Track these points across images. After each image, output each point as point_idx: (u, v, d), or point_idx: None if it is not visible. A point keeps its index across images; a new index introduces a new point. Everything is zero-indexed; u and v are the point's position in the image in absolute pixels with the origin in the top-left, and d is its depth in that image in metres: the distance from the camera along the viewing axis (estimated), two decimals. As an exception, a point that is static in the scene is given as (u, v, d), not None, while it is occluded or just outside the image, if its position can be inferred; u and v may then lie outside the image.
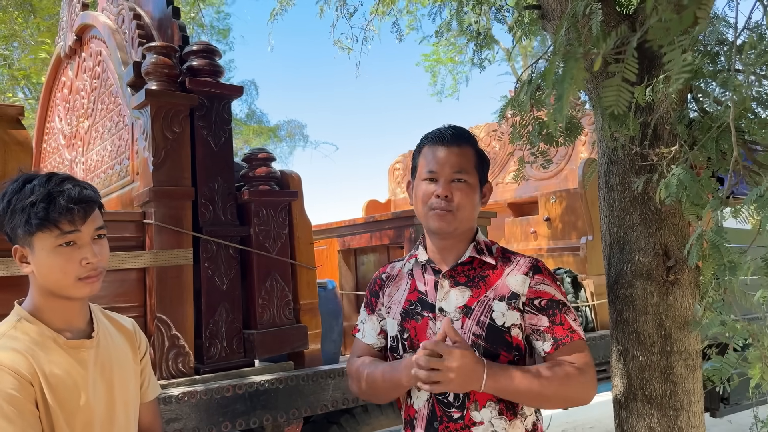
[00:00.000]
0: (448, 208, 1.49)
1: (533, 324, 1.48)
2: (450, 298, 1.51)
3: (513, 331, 1.47)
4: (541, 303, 1.48)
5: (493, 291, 1.50)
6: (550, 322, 1.47)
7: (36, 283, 1.30)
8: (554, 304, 1.48)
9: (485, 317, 1.47)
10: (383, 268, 1.72)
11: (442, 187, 1.50)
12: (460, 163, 1.52)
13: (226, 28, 14.14)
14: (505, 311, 1.47)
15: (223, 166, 2.61)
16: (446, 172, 1.51)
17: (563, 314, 1.48)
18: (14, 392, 1.17)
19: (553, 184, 4.80)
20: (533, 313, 1.48)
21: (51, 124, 4.22)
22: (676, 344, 1.92)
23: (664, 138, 1.91)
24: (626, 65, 1.44)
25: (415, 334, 1.53)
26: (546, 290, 1.49)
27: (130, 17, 2.91)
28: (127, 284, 2.35)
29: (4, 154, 2.49)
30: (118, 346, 1.42)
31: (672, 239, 1.94)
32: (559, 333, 1.46)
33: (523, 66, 13.63)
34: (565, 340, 1.46)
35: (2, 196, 1.28)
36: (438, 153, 1.53)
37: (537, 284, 1.49)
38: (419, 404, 1.52)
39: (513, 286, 1.49)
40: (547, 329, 1.47)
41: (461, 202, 1.50)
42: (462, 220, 1.51)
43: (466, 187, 1.51)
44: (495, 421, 1.44)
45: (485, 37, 2.96)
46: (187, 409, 2.20)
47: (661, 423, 1.90)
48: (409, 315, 1.56)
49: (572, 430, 6.08)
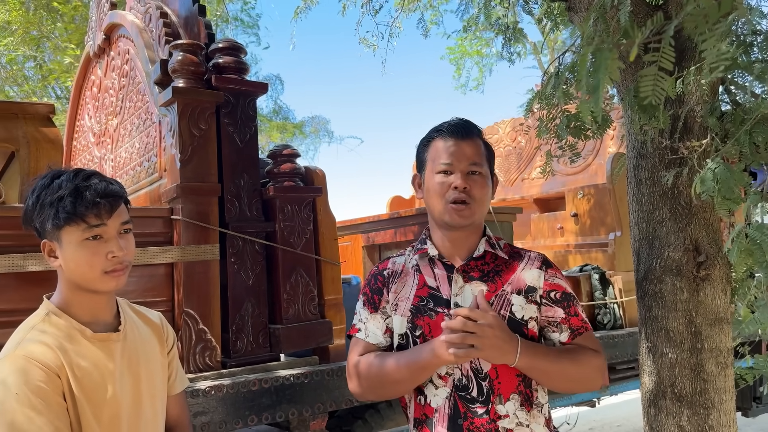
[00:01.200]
0: (468, 200, 1.48)
1: (549, 316, 1.52)
2: (465, 293, 1.49)
3: (530, 324, 1.50)
4: (557, 295, 1.53)
5: (510, 285, 1.50)
6: (566, 314, 1.52)
7: (64, 277, 1.32)
8: (567, 297, 1.54)
9: (505, 311, 1.47)
10: (382, 263, 1.66)
11: (460, 180, 1.48)
12: (474, 155, 1.51)
13: (254, 23, 14.18)
14: (523, 304, 1.49)
15: (248, 162, 2.63)
16: (462, 164, 1.50)
17: (576, 306, 1.55)
18: (42, 384, 1.20)
19: (580, 180, 4.74)
20: (549, 305, 1.52)
21: (81, 122, 4.30)
22: (706, 341, 1.88)
23: (694, 131, 1.87)
24: (663, 54, 1.41)
25: (429, 330, 1.49)
26: (559, 283, 1.55)
27: (156, 15, 2.95)
28: (156, 279, 2.38)
29: (36, 152, 2.55)
30: (145, 339, 1.44)
31: (703, 234, 1.89)
32: (576, 323, 1.52)
33: (550, 59, 13.47)
34: (581, 330, 1.52)
35: (32, 191, 1.31)
36: (452, 146, 1.51)
37: (551, 278, 1.54)
38: (438, 402, 1.48)
39: (529, 280, 1.52)
40: (563, 320, 1.52)
41: (478, 194, 1.50)
42: (478, 213, 1.52)
43: (482, 180, 1.51)
44: (519, 413, 1.45)
45: (514, 31, 2.93)
46: (214, 402, 2.22)
47: (692, 421, 1.86)
48: (421, 311, 1.51)
49: (600, 428, 6.02)
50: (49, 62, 11.02)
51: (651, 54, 1.44)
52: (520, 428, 1.45)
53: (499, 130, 5.68)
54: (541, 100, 1.91)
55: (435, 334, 1.47)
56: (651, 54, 1.44)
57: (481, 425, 1.43)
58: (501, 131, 5.66)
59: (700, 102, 1.81)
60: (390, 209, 5.79)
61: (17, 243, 2.07)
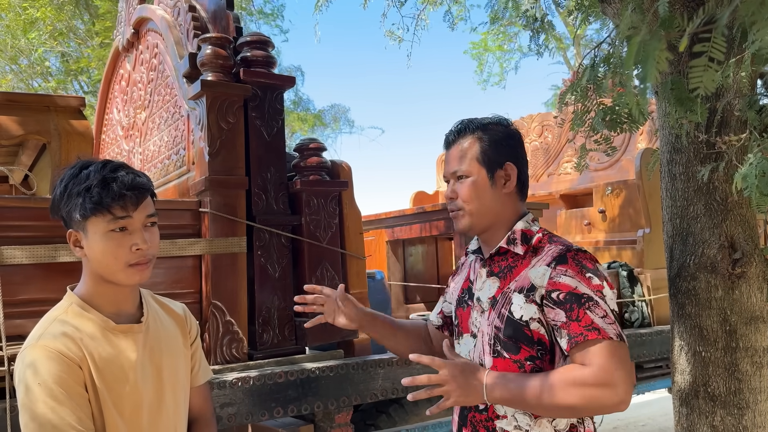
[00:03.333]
0: (457, 207, 1.51)
1: (552, 319, 1.36)
2: (485, 288, 1.50)
3: (532, 325, 1.38)
4: (559, 296, 1.34)
5: (515, 282, 1.43)
6: (567, 318, 1.32)
7: (88, 268, 1.33)
8: (574, 298, 1.33)
9: (505, 309, 1.42)
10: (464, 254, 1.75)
11: (448, 190, 1.54)
12: (457, 160, 1.51)
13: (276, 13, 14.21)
14: (522, 304, 1.39)
15: (275, 155, 2.64)
16: (449, 174, 1.54)
17: (583, 309, 1.31)
18: (64, 375, 1.21)
19: (608, 175, 4.67)
20: (551, 307, 1.35)
21: (109, 116, 4.35)
22: (741, 340, 1.84)
23: (731, 125, 1.82)
24: (713, 44, 1.37)
25: (461, 321, 1.56)
26: (566, 282, 1.34)
27: (185, 9, 2.96)
28: (184, 271, 2.40)
29: (66, 144, 2.58)
30: (167, 330, 1.44)
31: (739, 231, 1.85)
32: (575, 330, 1.31)
33: (576, 55, 13.31)
34: (578, 338, 1.30)
35: (60, 180, 1.31)
36: (445, 156, 1.58)
37: (557, 275, 1.36)
38: None
39: (533, 277, 1.39)
40: (563, 325, 1.33)
41: (465, 197, 1.49)
42: (476, 214, 1.48)
43: (469, 182, 1.49)
44: (518, 416, 1.40)
45: (542, 22, 2.88)
46: (240, 394, 2.24)
47: (725, 421, 1.83)
48: (460, 303, 1.59)
49: (624, 427, 5.95)
50: (80, 58, 11.18)
51: (701, 44, 1.40)
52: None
53: (525, 125, 5.62)
54: (575, 92, 1.88)
55: (463, 325, 1.55)
56: (701, 44, 1.40)
57: (480, 421, 1.45)
58: (527, 126, 5.60)
59: (738, 95, 1.76)
60: (413, 204, 5.78)
61: (49, 234, 2.10)
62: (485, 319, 1.46)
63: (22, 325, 2.05)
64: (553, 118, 5.30)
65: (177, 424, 1.41)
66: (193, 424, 1.52)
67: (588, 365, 1.28)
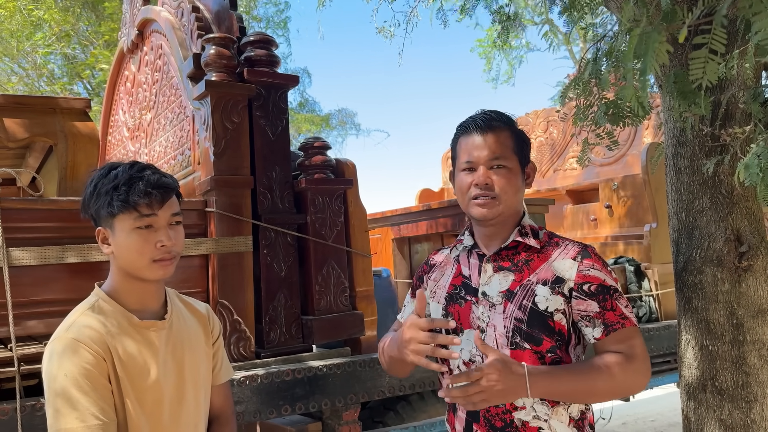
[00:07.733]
0: (491, 195, 1.47)
1: (582, 310, 1.43)
2: (493, 282, 1.49)
3: (556, 316, 1.43)
4: (591, 288, 1.42)
5: (536, 275, 1.46)
6: (601, 308, 1.41)
7: (115, 264, 1.38)
8: (605, 290, 1.42)
9: (527, 301, 1.44)
10: (433, 253, 1.73)
11: (481, 176, 1.48)
12: (496, 149, 1.49)
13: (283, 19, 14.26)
14: (548, 296, 1.43)
15: (280, 155, 2.65)
16: (483, 160, 1.49)
17: (615, 300, 1.42)
18: (89, 367, 1.25)
19: (614, 170, 4.66)
20: (582, 299, 1.42)
21: (115, 117, 4.37)
22: (748, 333, 1.83)
23: (736, 117, 1.81)
24: (713, 36, 1.37)
25: (458, 317, 1.53)
26: (596, 275, 1.43)
27: (189, 10, 2.97)
28: (191, 270, 2.42)
29: (73, 146, 2.60)
30: (190, 328, 1.48)
31: (745, 224, 1.84)
32: (611, 318, 1.41)
33: (582, 50, 13.24)
34: (616, 326, 1.40)
35: (90, 181, 1.38)
36: (473, 141, 1.51)
37: (586, 269, 1.44)
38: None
39: (559, 270, 1.45)
40: (597, 315, 1.41)
41: (503, 188, 1.48)
42: (505, 205, 1.49)
43: (506, 173, 1.49)
44: (537, 406, 1.42)
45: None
46: (248, 392, 2.25)
47: (733, 415, 1.82)
48: (453, 299, 1.56)
49: (633, 422, 5.93)
50: (86, 60, 11.22)
51: (701, 36, 1.39)
52: (537, 422, 1.41)
53: (530, 121, 5.61)
54: (577, 87, 1.88)
55: (464, 321, 1.51)
56: (701, 36, 1.39)
57: (497, 414, 1.44)
58: (532, 122, 5.59)
59: (742, 88, 1.75)
60: (419, 202, 5.78)
61: (57, 235, 2.12)
62: (498, 313, 1.46)
63: (31, 326, 2.07)
64: (555, 112, 5.29)
65: (198, 420, 1.45)
66: (213, 421, 1.55)
67: (630, 351, 1.40)
